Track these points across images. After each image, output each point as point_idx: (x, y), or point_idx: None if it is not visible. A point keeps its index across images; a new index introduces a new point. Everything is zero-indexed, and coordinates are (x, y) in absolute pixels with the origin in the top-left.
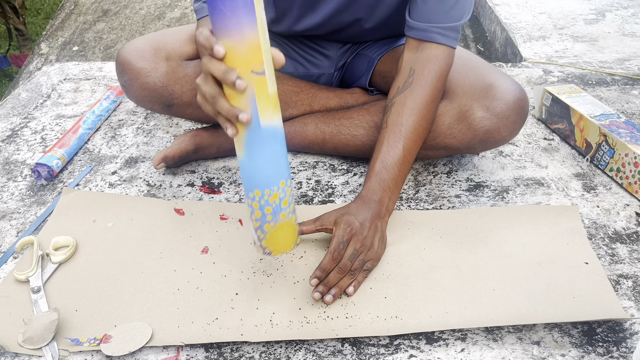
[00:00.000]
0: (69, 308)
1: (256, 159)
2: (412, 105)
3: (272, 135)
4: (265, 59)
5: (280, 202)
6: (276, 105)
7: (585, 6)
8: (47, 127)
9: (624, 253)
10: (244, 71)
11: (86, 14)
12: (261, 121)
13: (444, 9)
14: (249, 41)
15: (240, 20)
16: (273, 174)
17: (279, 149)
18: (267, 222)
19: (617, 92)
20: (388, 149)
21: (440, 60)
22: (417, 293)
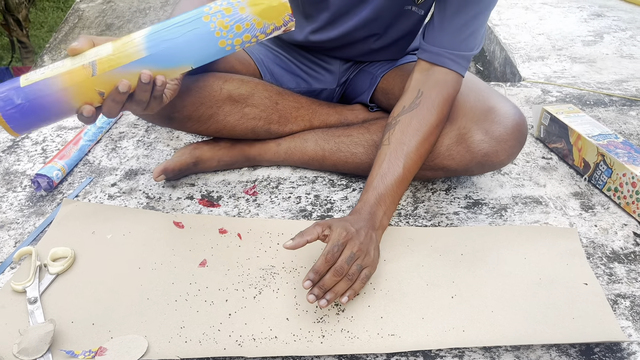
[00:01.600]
0: (65, 319)
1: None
2: (417, 126)
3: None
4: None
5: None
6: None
7: (584, 28)
8: (48, 138)
9: (621, 273)
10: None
11: (90, 28)
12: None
13: (460, 38)
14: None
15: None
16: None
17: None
18: (252, 32)
19: (615, 113)
20: (389, 166)
21: (449, 85)
22: (415, 311)
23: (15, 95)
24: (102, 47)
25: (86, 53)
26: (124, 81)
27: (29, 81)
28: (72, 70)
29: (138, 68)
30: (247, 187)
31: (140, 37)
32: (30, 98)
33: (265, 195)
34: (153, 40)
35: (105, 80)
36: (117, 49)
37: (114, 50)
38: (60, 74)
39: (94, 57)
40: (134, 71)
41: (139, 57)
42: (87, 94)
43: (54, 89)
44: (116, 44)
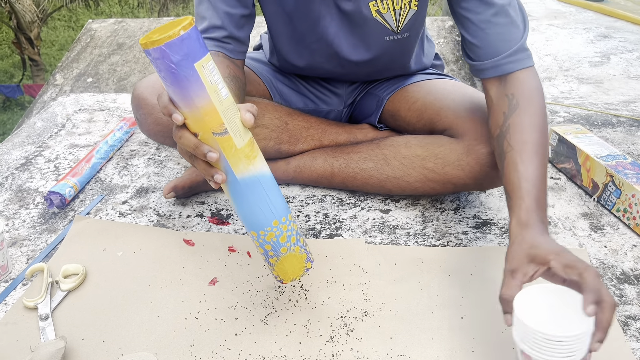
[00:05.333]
0: (75, 337)
1: (242, 206)
2: (530, 122)
3: (252, 185)
4: (226, 118)
5: (277, 239)
6: (249, 156)
7: (591, 49)
8: (60, 156)
9: (632, 294)
10: (206, 134)
11: (101, 47)
12: (236, 175)
13: (501, 39)
14: (203, 108)
15: (188, 93)
16: (262, 218)
17: (264, 194)
18: (270, 256)
19: (623, 134)
20: (526, 167)
21: (529, 79)
22: (424, 331)
23: (184, 60)
24: (244, 132)
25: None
26: (215, 156)
27: (201, 71)
28: (217, 113)
29: (225, 169)
30: None
31: (253, 169)
32: (181, 75)
33: None
34: (252, 182)
35: (209, 142)
36: (242, 152)
37: (239, 150)
38: (212, 102)
39: (232, 131)
40: (221, 165)
41: (235, 173)
42: (198, 127)
43: (195, 97)
44: (245, 149)
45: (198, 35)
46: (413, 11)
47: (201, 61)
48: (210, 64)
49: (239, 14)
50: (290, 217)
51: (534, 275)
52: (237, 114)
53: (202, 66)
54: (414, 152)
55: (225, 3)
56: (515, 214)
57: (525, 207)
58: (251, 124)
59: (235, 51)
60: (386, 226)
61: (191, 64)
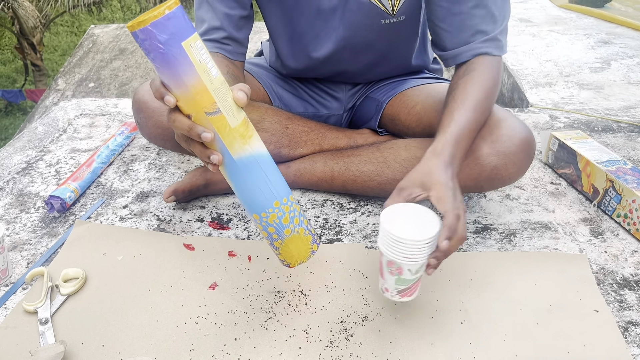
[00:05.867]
0: (75, 341)
1: (241, 188)
2: (478, 83)
3: (249, 165)
4: (218, 97)
5: (280, 221)
6: (244, 135)
7: (591, 55)
8: (61, 160)
9: (632, 300)
10: (199, 114)
11: (103, 52)
12: (232, 155)
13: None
14: (193, 88)
15: (178, 72)
16: (263, 199)
17: (262, 174)
18: (274, 240)
19: (623, 139)
20: (460, 114)
21: (492, 61)
22: (424, 336)
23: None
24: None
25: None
26: (210, 136)
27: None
28: (208, 92)
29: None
30: None
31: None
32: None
33: None
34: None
35: (203, 122)
36: (237, 131)
37: (234, 129)
38: (202, 80)
39: (225, 110)
40: (218, 146)
41: (231, 153)
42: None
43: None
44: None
45: (184, 14)
46: None
47: (189, 40)
48: (198, 43)
49: (238, 15)
50: (292, 199)
51: (416, 197)
52: (229, 92)
53: (190, 45)
54: (414, 154)
55: (224, 4)
56: (433, 144)
57: (443, 141)
58: (244, 102)
59: (234, 52)
60: None
61: (178, 43)
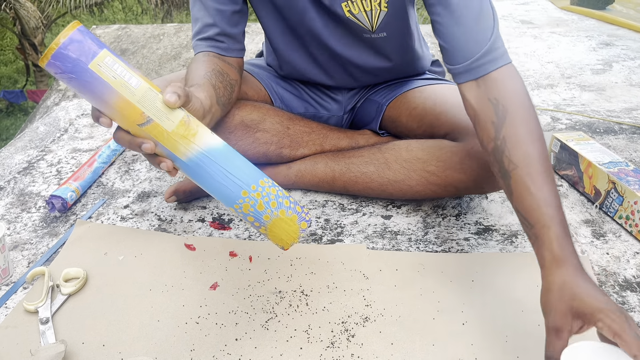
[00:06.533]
0: (76, 340)
1: (205, 185)
2: (527, 131)
3: (202, 163)
4: (145, 107)
5: (255, 209)
6: (186, 136)
7: (592, 57)
8: (62, 160)
9: (634, 301)
10: (133, 128)
11: None
12: (181, 158)
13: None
14: (117, 105)
15: (96, 94)
16: (229, 192)
17: (219, 168)
18: (257, 227)
19: (625, 141)
20: (541, 189)
21: (509, 79)
22: (426, 337)
23: (77, 66)
24: (171, 114)
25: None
26: (151, 146)
27: (99, 70)
28: (133, 105)
29: (169, 156)
30: None
31: (197, 148)
32: (81, 79)
33: None
34: (201, 160)
35: (142, 134)
36: (176, 134)
37: (172, 133)
38: (122, 96)
39: (157, 117)
40: (164, 153)
41: (179, 156)
42: (121, 122)
43: (105, 96)
44: (179, 129)
45: (85, 35)
46: (384, 12)
47: (96, 60)
48: (108, 60)
49: (230, 10)
50: (263, 183)
51: (579, 331)
52: (157, 97)
53: (98, 65)
54: (415, 156)
55: (215, 1)
56: (547, 245)
57: (556, 238)
58: (174, 103)
59: (228, 49)
60: (388, 232)
61: (85, 67)
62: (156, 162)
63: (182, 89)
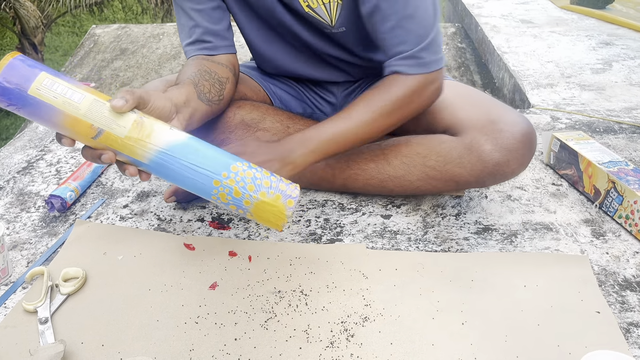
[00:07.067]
0: (75, 340)
1: (176, 182)
2: (370, 101)
3: (164, 161)
4: (92, 119)
5: (232, 196)
6: (140, 138)
7: (592, 56)
8: (62, 160)
9: (634, 301)
10: (89, 142)
11: (105, 52)
12: (142, 161)
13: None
14: (66, 123)
15: (44, 118)
16: (200, 184)
17: (183, 163)
18: (242, 214)
19: (625, 140)
20: (327, 123)
21: (399, 79)
22: (425, 337)
23: (18, 95)
24: (121, 119)
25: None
26: (110, 156)
27: (39, 94)
28: (80, 120)
29: (131, 162)
30: None
31: (154, 147)
32: (26, 107)
33: None
34: (162, 159)
35: (99, 146)
36: (130, 139)
37: (126, 138)
38: (68, 114)
39: (106, 126)
40: (126, 160)
41: (140, 160)
42: (77, 139)
43: (52, 118)
44: (132, 133)
45: (20, 63)
46: (340, 5)
47: (34, 85)
48: (47, 82)
49: (208, 7)
50: (236, 168)
51: None
52: (104, 107)
53: (38, 89)
54: (415, 150)
55: (191, 2)
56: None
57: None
58: (121, 107)
59: (216, 47)
60: (387, 231)
61: (25, 94)
62: (122, 169)
63: (130, 92)
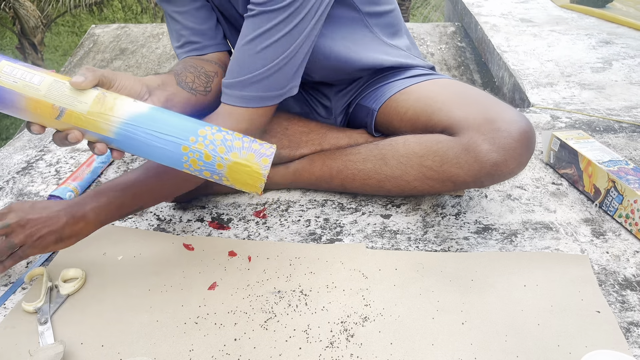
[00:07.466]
0: (74, 341)
1: (144, 154)
2: None
3: (129, 132)
4: (53, 99)
5: (203, 161)
6: (103, 112)
7: (592, 55)
8: (61, 160)
9: (634, 300)
10: (53, 123)
11: (104, 52)
12: (108, 135)
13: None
14: (29, 106)
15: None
16: (169, 153)
17: (148, 132)
18: (217, 180)
19: (625, 139)
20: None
21: (224, 109)
22: (425, 337)
23: None
24: (83, 96)
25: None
26: (76, 134)
27: (1, 81)
28: (41, 101)
29: (98, 138)
30: (257, 210)
31: (118, 120)
32: None
33: (275, 218)
34: (127, 130)
35: (64, 126)
36: (92, 114)
37: (88, 114)
38: (28, 96)
39: (68, 104)
40: (93, 137)
41: (105, 135)
42: (43, 122)
43: (14, 103)
44: (94, 108)
45: None
46: None
47: None
48: (7, 68)
49: (192, 8)
50: (204, 132)
51: None
52: (64, 86)
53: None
54: (412, 150)
55: (175, 5)
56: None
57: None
58: (81, 83)
59: (205, 46)
60: (387, 231)
61: None
62: (92, 149)
63: (90, 70)
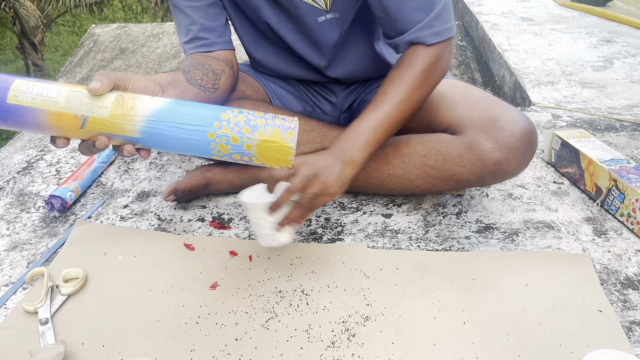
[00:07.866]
0: (75, 341)
1: (173, 147)
2: (399, 78)
3: (154, 129)
4: (74, 109)
5: (231, 145)
6: (125, 114)
7: (593, 53)
8: (62, 160)
9: (636, 299)
10: (78, 134)
11: (104, 52)
12: (133, 135)
13: (404, 20)
14: (51, 121)
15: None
16: (197, 142)
17: (173, 125)
18: (248, 161)
19: (626, 138)
20: (367, 113)
21: (421, 51)
22: (426, 337)
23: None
24: (102, 101)
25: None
26: (103, 140)
27: (18, 100)
28: (63, 114)
29: (124, 140)
30: None
31: (140, 118)
32: (10, 117)
33: None
34: (152, 127)
35: (89, 134)
36: (115, 117)
37: (111, 117)
38: (50, 111)
39: (89, 111)
40: (119, 140)
41: (131, 135)
42: (68, 134)
43: (37, 120)
44: (115, 111)
45: None
46: None
47: (10, 93)
48: (22, 87)
49: (204, 4)
50: (226, 115)
51: None
52: (82, 94)
53: (15, 96)
54: (415, 149)
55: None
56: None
57: (338, 139)
58: (98, 89)
59: (212, 43)
60: (388, 231)
61: (5, 104)
62: (120, 152)
63: (105, 74)
